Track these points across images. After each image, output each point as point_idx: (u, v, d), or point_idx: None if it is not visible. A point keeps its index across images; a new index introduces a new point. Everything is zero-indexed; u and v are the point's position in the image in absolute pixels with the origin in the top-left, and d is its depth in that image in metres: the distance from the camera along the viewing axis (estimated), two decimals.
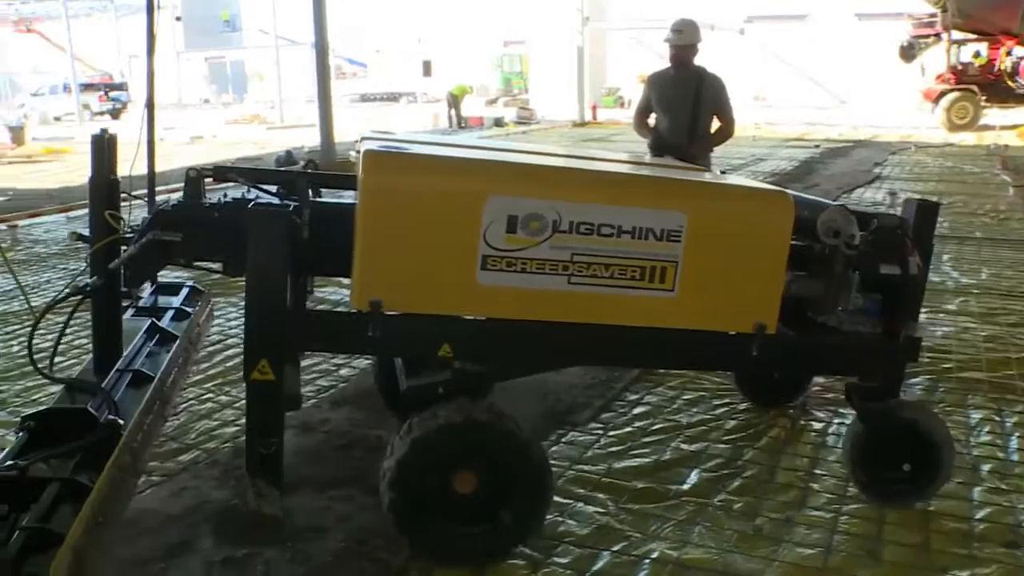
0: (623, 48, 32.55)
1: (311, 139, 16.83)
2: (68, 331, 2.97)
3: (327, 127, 13.97)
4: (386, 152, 2.70)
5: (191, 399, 4.30)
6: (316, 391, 4.46)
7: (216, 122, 28.04)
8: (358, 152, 2.85)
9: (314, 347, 3.46)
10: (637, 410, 4.17)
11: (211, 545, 2.92)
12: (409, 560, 2.81)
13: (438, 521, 2.75)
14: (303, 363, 4.67)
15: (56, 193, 12.02)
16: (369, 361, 4.34)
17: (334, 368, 4.68)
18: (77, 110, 28.56)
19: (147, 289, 3.82)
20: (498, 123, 24.50)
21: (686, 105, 5.62)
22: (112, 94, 33.20)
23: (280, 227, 2.67)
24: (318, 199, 3.16)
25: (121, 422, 2.58)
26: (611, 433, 3.89)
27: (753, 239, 2.80)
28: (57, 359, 2.84)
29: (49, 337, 2.82)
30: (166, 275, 3.70)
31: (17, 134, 21.63)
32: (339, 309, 5.39)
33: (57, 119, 31.02)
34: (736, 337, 2.89)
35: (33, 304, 2.97)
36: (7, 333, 5.43)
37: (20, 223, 9.90)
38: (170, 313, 3.70)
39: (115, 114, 31.40)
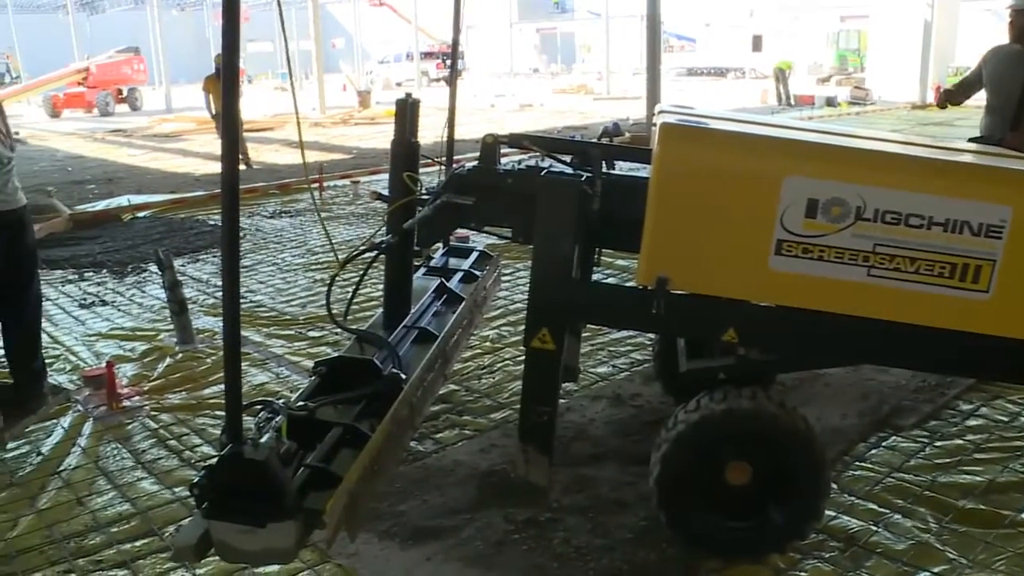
0: (978, 22, 30.24)
1: (636, 111, 19.70)
2: (365, 282, 3.80)
3: (653, 100, 15.93)
4: (682, 125, 3.13)
5: (507, 359, 5.41)
6: (630, 364, 5.28)
7: (544, 91, 34.46)
8: (655, 125, 3.33)
9: (596, 320, 4.03)
10: (971, 422, 4.34)
11: (514, 504, 3.65)
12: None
13: (702, 507, 3.22)
14: (617, 334, 5.61)
15: None
16: None
17: (649, 342, 5.34)
18: (416, 76, 38.19)
19: (439, 250, 4.70)
20: (830, 103, 25.58)
21: (1015, 86, 5.47)
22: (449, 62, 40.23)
23: (571, 197, 3.22)
24: (611, 171, 3.68)
25: (403, 376, 3.26)
26: (938, 443, 4.13)
27: None
28: (354, 308, 3.66)
29: (348, 289, 3.68)
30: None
31: (364, 98, 28.63)
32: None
33: (399, 84, 40.30)
34: None
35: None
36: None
37: (361, 179, 13.07)
38: (459, 275, 4.52)
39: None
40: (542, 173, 3.39)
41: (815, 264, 2.97)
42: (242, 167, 9.80)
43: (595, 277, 4.47)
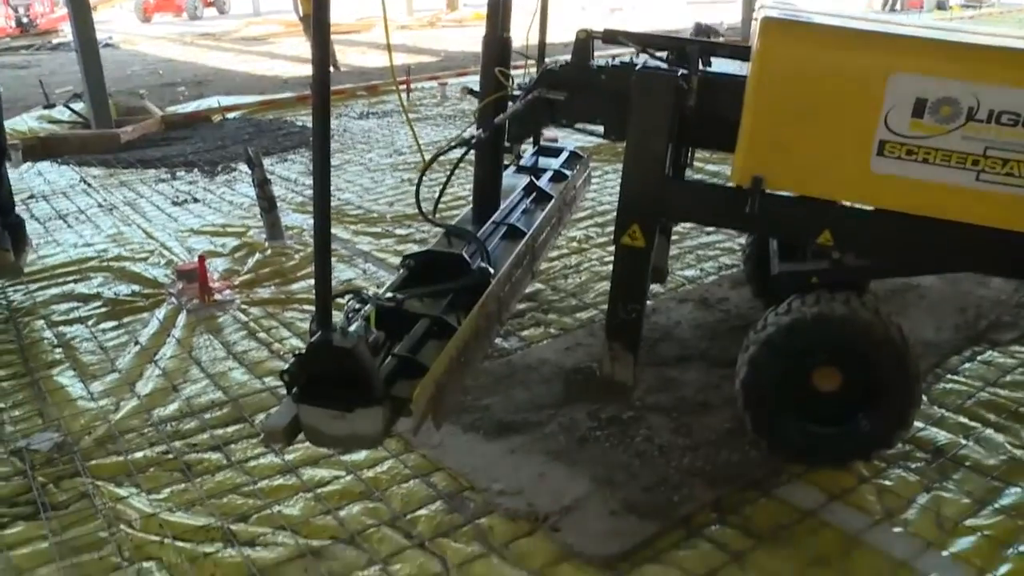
0: None
1: (732, 16, 19.49)
2: (453, 181, 3.83)
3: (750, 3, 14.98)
4: (784, 19, 3.04)
5: (593, 260, 5.51)
6: (717, 268, 5.32)
7: None
8: (756, 20, 3.24)
9: (689, 218, 4.05)
10: None
11: (597, 402, 3.72)
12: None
13: (788, 411, 3.22)
14: (705, 238, 5.64)
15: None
16: None
17: (738, 248, 5.34)
18: None
19: (529, 149, 4.69)
20: (940, 6, 24.95)
21: None
22: None
23: (666, 93, 3.18)
24: (708, 69, 3.61)
25: (491, 271, 3.28)
26: None
27: None
28: (441, 206, 3.71)
29: (436, 188, 3.71)
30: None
31: (451, 0, 28.52)
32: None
33: None
34: None
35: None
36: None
37: (449, 81, 13.19)
38: (548, 174, 4.51)
39: None
40: (636, 69, 3.35)
41: (920, 167, 2.89)
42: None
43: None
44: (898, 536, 2.94)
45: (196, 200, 7.44)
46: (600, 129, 3.61)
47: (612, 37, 3.79)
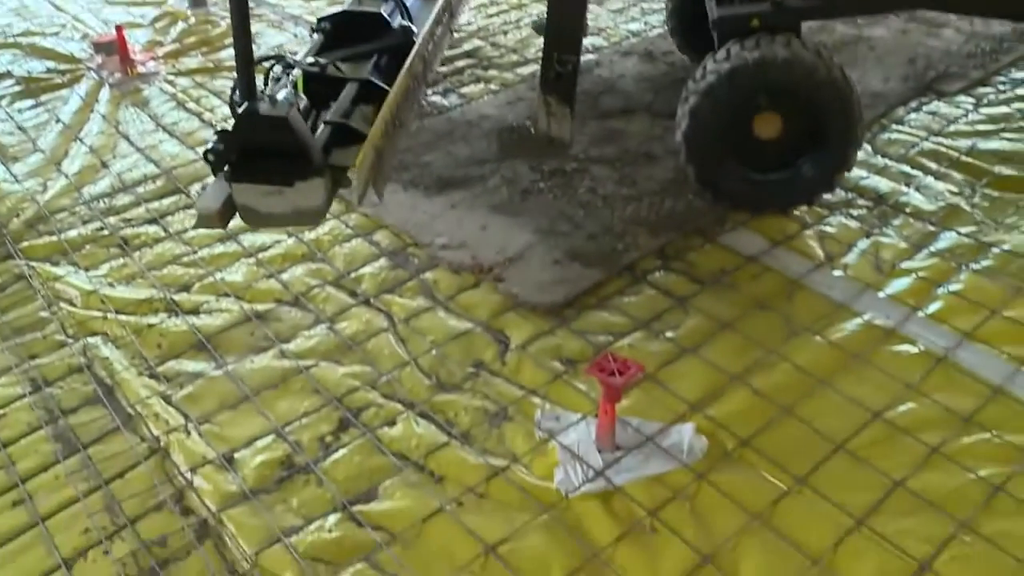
0: None
1: None
2: None
3: None
4: None
5: (533, 15, 5.31)
6: (663, 22, 5.04)
7: None
8: None
9: None
10: (1020, 90, 4.20)
11: (539, 156, 3.66)
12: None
13: (731, 161, 3.20)
14: None
15: None
16: None
17: None
18: None
19: None
20: None
21: None
22: None
23: None
24: None
25: (414, 28, 3.07)
26: (983, 110, 4.04)
27: None
28: None
29: None
30: None
31: None
32: None
33: None
34: None
35: None
36: None
37: None
38: None
39: None
40: None
41: None
42: None
43: None
44: (838, 279, 3.01)
45: None
46: None
47: None
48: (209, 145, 2.35)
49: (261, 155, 2.31)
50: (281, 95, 2.38)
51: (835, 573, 2.04)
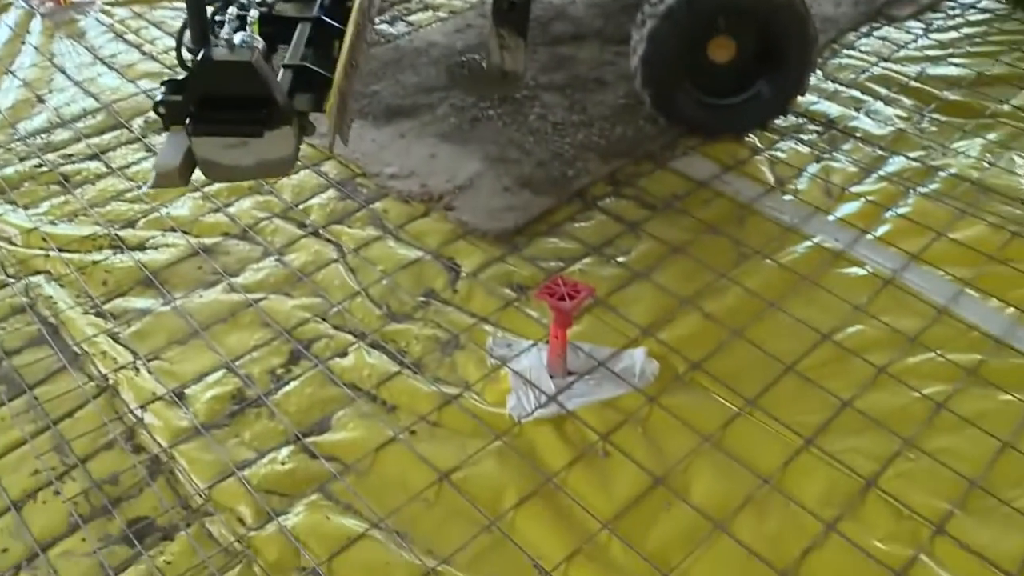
0: None
1: None
2: None
3: None
4: None
5: None
6: None
7: None
8: None
9: None
10: (972, 16, 4.24)
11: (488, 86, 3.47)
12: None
13: (687, 85, 3.19)
14: None
15: None
16: None
17: None
18: None
19: None
20: None
21: None
22: None
23: None
24: None
25: None
26: (932, 36, 4.07)
27: None
28: None
29: None
30: None
31: None
32: None
33: None
34: None
35: None
36: None
37: None
38: None
39: None
40: None
41: None
42: None
43: None
44: (788, 203, 3.03)
45: None
46: None
47: None
48: (159, 97, 2.19)
49: (223, 105, 2.15)
50: (238, 39, 2.18)
51: (785, 491, 2.08)
